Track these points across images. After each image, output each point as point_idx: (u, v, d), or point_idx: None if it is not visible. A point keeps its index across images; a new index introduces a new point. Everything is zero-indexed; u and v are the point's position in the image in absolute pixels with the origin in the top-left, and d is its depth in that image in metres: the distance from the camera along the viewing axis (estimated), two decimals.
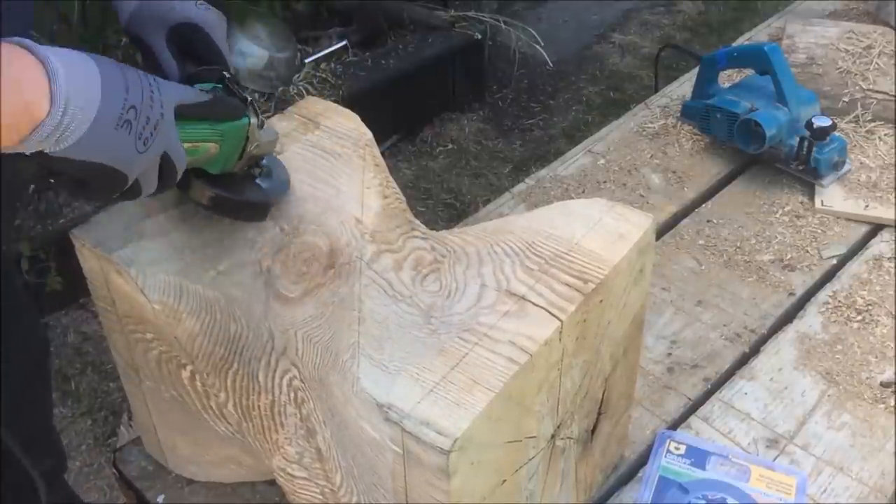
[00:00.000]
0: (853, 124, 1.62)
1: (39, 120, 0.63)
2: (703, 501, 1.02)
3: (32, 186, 2.42)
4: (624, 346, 0.95)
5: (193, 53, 0.90)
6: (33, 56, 0.64)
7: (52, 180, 0.71)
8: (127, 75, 0.70)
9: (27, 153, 0.65)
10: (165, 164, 0.75)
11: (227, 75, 0.87)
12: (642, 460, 1.09)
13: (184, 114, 0.77)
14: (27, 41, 0.65)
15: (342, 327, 0.84)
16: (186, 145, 0.78)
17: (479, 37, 3.11)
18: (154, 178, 0.75)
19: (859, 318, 1.27)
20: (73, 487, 1.88)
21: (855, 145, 1.57)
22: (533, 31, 3.13)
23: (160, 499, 1.08)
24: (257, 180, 0.90)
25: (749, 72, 1.67)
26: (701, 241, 1.42)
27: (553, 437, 0.87)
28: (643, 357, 1.18)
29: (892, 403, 1.15)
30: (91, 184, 0.71)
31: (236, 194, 0.87)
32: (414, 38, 3.12)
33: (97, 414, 2.10)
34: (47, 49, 0.66)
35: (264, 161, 0.91)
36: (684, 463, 1.06)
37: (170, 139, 0.74)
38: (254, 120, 0.85)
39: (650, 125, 1.68)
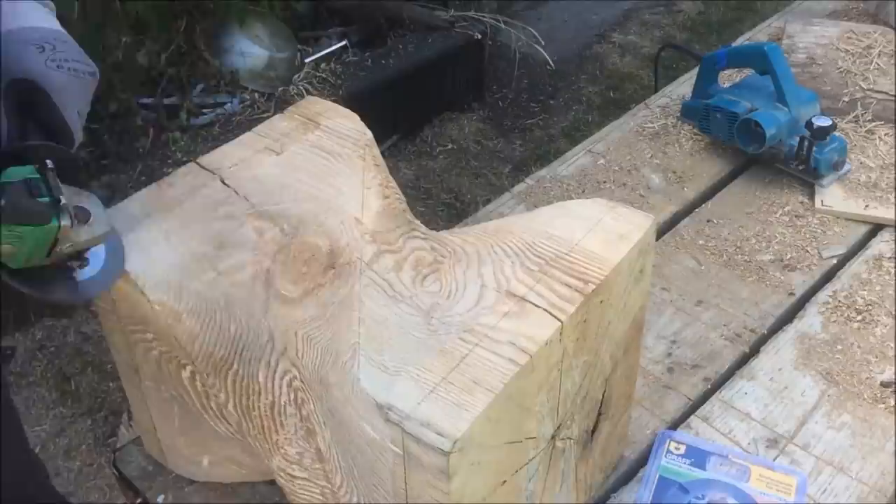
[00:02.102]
0: (853, 124, 1.62)
1: None
2: (703, 501, 1.02)
3: None
4: (624, 347, 0.95)
5: (35, 115, 0.79)
6: None
7: None
8: None
9: None
10: None
11: (49, 166, 0.76)
12: (642, 460, 1.09)
13: None
14: None
15: (342, 328, 0.84)
16: None
17: (479, 37, 3.11)
18: None
19: (859, 318, 1.27)
20: (72, 487, 1.88)
21: (855, 145, 1.57)
22: (533, 31, 3.13)
23: (160, 499, 1.08)
24: (75, 273, 0.82)
25: (749, 72, 1.67)
26: (701, 241, 1.42)
27: (553, 437, 0.87)
28: (643, 357, 1.18)
29: (892, 403, 1.15)
30: None
31: (39, 291, 0.80)
32: (414, 38, 3.12)
33: (97, 414, 2.10)
34: None
35: (89, 252, 0.82)
36: (684, 463, 1.06)
37: None
38: (65, 223, 0.76)
39: (650, 125, 1.68)
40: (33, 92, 0.78)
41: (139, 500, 1.10)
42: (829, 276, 1.36)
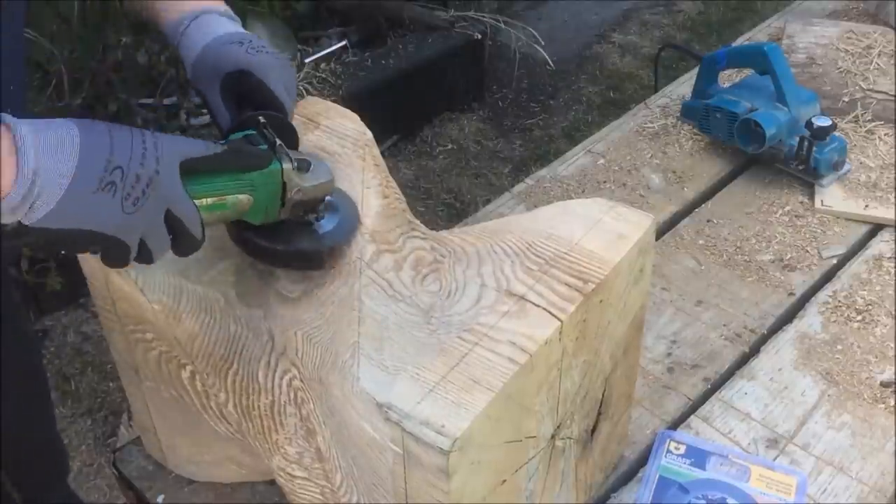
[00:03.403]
0: (853, 124, 1.62)
1: (4, 194, 0.63)
2: (703, 501, 1.02)
3: None
4: (624, 346, 0.95)
5: (251, 99, 0.89)
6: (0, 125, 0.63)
7: (54, 254, 0.71)
8: (114, 135, 0.69)
9: (2, 224, 0.65)
10: (173, 221, 0.73)
11: (262, 121, 0.84)
12: (642, 460, 1.09)
13: (197, 168, 0.74)
14: None
15: (342, 327, 0.84)
16: (209, 200, 0.76)
17: (479, 37, 3.12)
18: (163, 237, 0.73)
19: (859, 318, 1.27)
20: (73, 487, 1.88)
21: (855, 145, 1.57)
22: (533, 31, 3.13)
23: (160, 499, 1.08)
24: (315, 226, 0.87)
25: (749, 72, 1.67)
26: (701, 241, 1.43)
27: (553, 437, 0.87)
28: (643, 357, 1.18)
29: (892, 403, 1.15)
30: (92, 253, 0.70)
31: (283, 244, 0.85)
32: (414, 38, 3.12)
33: (97, 414, 2.11)
34: (20, 120, 0.65)
35: (324, 203, 0.87)
36: (684, 463, 1.06)
37: (172, 195, 0.72)
38: (286, 165, 0.81)
39: (650, 125, 1.68)
40: (243, 78, 0.89)
41: None
42: (829, 276, 1.36)
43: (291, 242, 0.86)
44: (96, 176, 0.67)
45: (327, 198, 0.87)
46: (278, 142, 0.82)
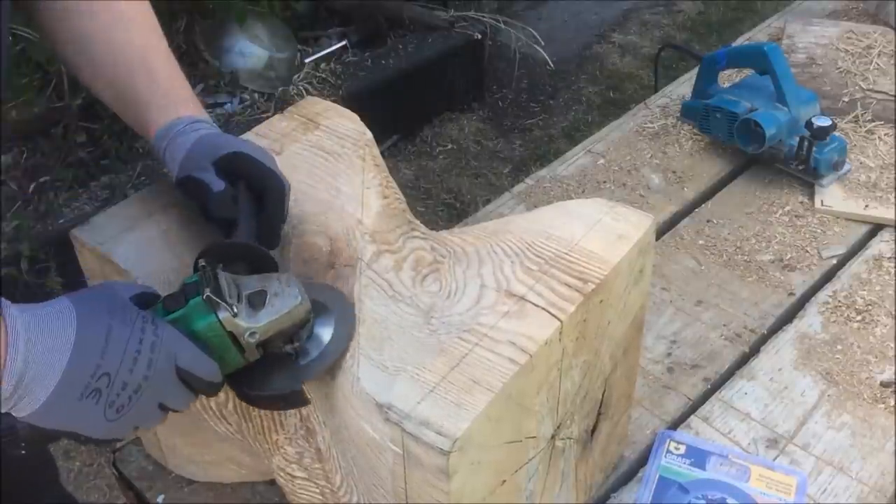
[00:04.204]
0: (853, 124, 1.62)
1: None
2: (703, 501, 1.02)
3: (33, 186, 2.42)
4: (624, 347, 0.95)
5: (244, 176, 0.86)
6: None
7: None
8: (111, 335, 0.67)
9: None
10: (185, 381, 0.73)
11: (202, 264, 0.76)
12: (642, 460, 1.09)
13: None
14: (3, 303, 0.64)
15: None
16: None
17: (479, 37, 3.12)
18: (182, 395, 0.73)
19: (859, 318, 1.27)
20: (72, 487, 1.88)
21: (855, 145, 1.57)
22: (533, 31, 3.14)
23: (160, 499, 1.08)
24: (293, 359, 0.79)
25: (749, 72, 1.67)
26: (701, 241, 1.43)
27: (553, 437, 0.87)
28: (643, 357, 1.18)
29: (892, 403, 1.15)
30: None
31: (259, 388, 0.79)
32: (413, 38, 3.12)
33: None
34: (20, 311, 0.65)
35: (307, 327, 0.79)
36: (684, 463, 1.06)
37: (165, 391, 0.71)
38: (223, 315, 0.74)
39: (650, 125, 1.68)
40: (243, 158, 0.86)
41: None
42: (829, 276, 1.36)
43: (264, 384, 0.79)
44: (82, 383, 0.66)
45: (313, 317, 0.80)
46: (206, 292, 0.73)
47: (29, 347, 0.64)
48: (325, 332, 0.81)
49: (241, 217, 0.83)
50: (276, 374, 0.79)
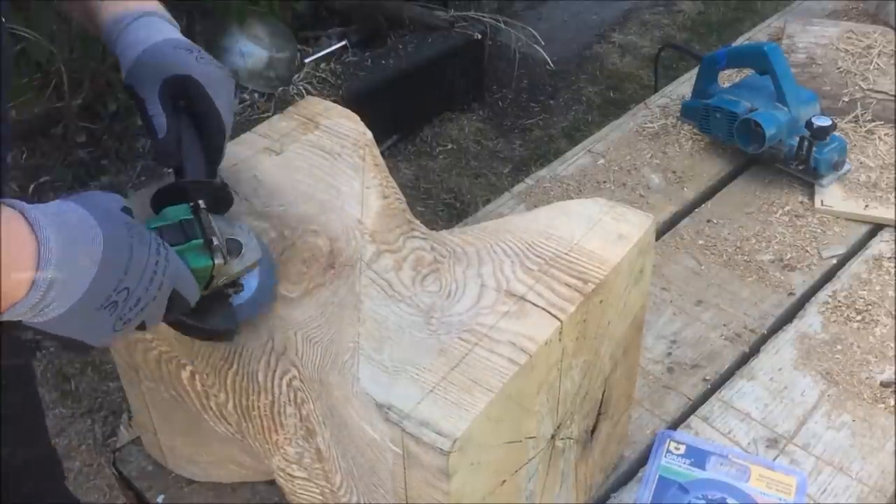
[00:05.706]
0: (853, 124, 1.62)
1: (15, 300, 0.63)
2: (703, 501, 1.02)
3: (33, 186, 2.42)
4: (624, 347, 0.95)
5: (190, 110, 0.86)
6: (29, 230, 0.63)
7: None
8: (135, 254, 0.69)
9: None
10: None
11: (203, 206, 0.81)
12: (642, 460, 1.09)
13: None
14: (29, 210, 0.64)
15: (342, 328, 0.84)
16: None
17: (479, 37, 3.12)
18: (156, 318, 0.74)
19: (859, 317, 1.27)
20: (73, 487, 1.88)
21: (855, 145, 1.57)
22: (533, 31, 3.14)
23: (160, 499, 1.08)
24: (231, 299, 0.85)
25: (749, 72, 1.67)
26: (701, 241, 1.43)
27: (553, 437, 0.87)
28: (643, 357, 1.18)
29: (892, 403, 1.15)
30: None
31: (198, 321, 0.82)
32: (413, 38, 3.12)
33: (97, 414, 2.11)
34: (53, 219, 0.64)
35: (244, 277, 0.84)
36: (684, 463, 1.06)
37: (154, 313, 0.73)
38: (218, 261, 0.79)
39: (650, 125, 1.68)
40: (188, 86, 0.85)
41: None
42: (829, 276, 1.36)
43: (205, 318, 0.83)
44: (104, 294, 0.67)
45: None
46: (214, 240, 0.79)
47: (59, 261, 0.64)
48: (253, 275, 0.86)
49: (189, 156, 0.86)
50: (216, 311, 0.83)
